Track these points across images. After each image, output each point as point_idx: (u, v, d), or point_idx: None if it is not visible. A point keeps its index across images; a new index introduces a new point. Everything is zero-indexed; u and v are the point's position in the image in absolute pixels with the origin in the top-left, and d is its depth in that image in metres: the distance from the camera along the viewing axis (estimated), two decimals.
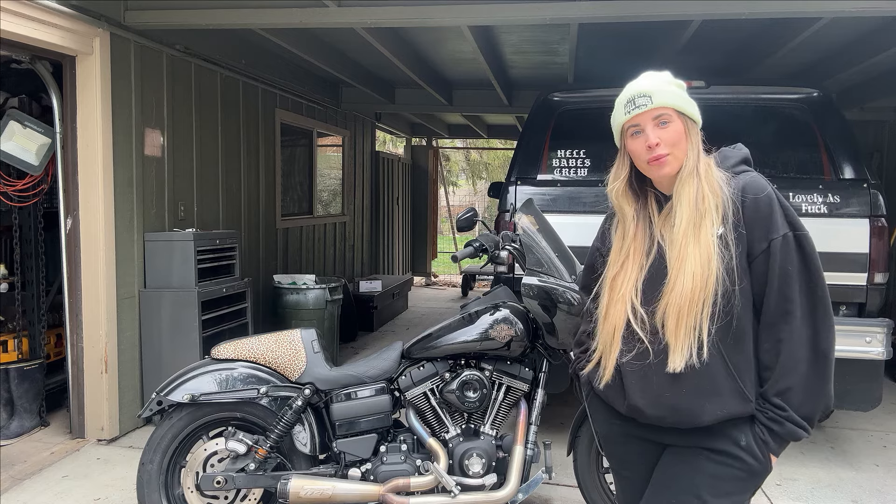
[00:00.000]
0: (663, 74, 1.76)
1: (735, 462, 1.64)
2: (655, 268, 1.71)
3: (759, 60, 5.68)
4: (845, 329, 3.57)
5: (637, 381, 1.70)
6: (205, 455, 2.92)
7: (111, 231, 4.21)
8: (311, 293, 5.62)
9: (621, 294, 1.72)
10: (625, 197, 1.78)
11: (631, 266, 1.74)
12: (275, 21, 4.34)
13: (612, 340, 1.73)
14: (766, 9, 3.79)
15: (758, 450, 1.63)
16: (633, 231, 1.76)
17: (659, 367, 1.66)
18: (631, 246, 1.75)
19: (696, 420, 1.65)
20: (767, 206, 1.64)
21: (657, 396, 1.67)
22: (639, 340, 1.68)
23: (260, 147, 6.19)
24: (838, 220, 3.76)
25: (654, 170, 1.71)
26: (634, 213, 1.78)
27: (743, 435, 1.64)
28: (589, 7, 3.97)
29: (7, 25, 3.50)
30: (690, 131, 1.71)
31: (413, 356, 2.95)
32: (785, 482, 3.79)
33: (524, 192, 4.11)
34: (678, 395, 1.65)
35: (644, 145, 1.69)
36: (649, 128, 1.69)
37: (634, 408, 1.72)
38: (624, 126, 1.74)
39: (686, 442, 1.71)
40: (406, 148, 12.82)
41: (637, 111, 1.69)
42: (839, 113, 4.11)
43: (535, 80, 7.39)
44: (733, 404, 1.62)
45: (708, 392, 1.63)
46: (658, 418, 1.70)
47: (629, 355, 1.70)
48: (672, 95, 1.70)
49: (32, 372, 4.37)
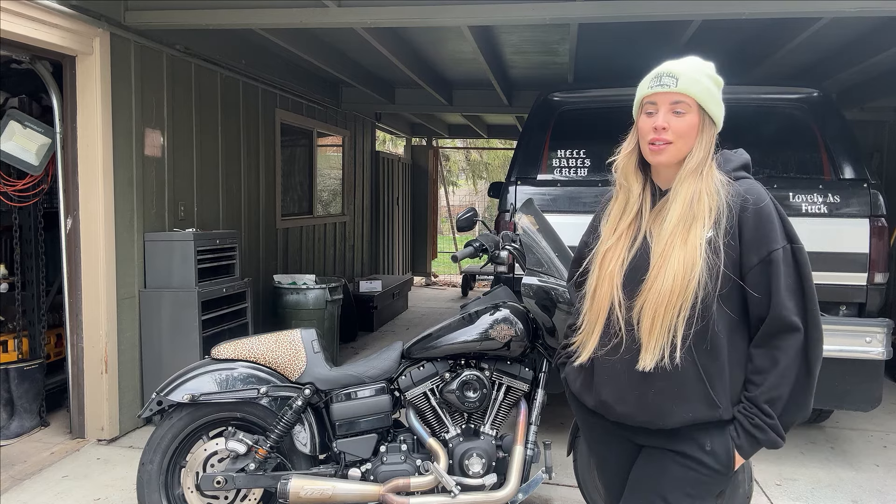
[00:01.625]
0: (704, 64, 1.71)
1: (699, 466, 1.65)
2: (637, 260, 1.68)
3: (759, 60, 5.68)
4: (845, 329, 3.57)
5: (608, 376, 1.70)
6: (205, 455, 2.92)
7: (111, 231, 4.21)
8: (311, 293, 5.62)
9: (609, 271, 1.69)
10: (634, 174, 1.74)
11: (620, 248, 1.71)
12: (275, 21, 4.34)
13: (596, 321, 1.71)
14: (766, 9, 3.79)
15: (723, 454, 1.63)
16: (635, 210, 1.73)
17: (630, 364, 1.65)
18: (624, 230, 1.72)
19: (662, 421, 1.65)
20: (768, 216, 1.62)
21: (627, 394, 1.67)
22: (614, 333, 1.67)
23: (260, 147, 6.19)
24: (838, 220, 3.76)
25: (651, 154, 1.67)
26: (640, 193, 1.74)
27: (709, 439, 1.64)
28: (589, 7, 3.97)
29: (7, 25, 3.50)
30: (705, 129, 1.66)
31: (413, 356, 2.95)
32: (785, 482, 3.79)
33: (524, 192, 4.11)
34: (646, 394, 1.65)
35: (651, 125, 1.66)
36: (664, 110, 1.65)
37: (603, 403, 1.73)
38: (643, 100, 1.70)
39: (655, 443, 1.72)
40: (406, 148, 12.82)
41: (659, 89, 1.65)
42: (839, 113, 4.11)
43: (535, 80, 7.39)
44: (701, 410, 1.62)
45: (676, 395, 1.62)
46: (626, 416, 1.70)
47: (603, 349, 1.70)
48: (699, 86, 1.65)
49: (32, 372, 4.37)
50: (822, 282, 3.75)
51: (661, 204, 1.70)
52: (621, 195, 1.77)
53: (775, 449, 1.62)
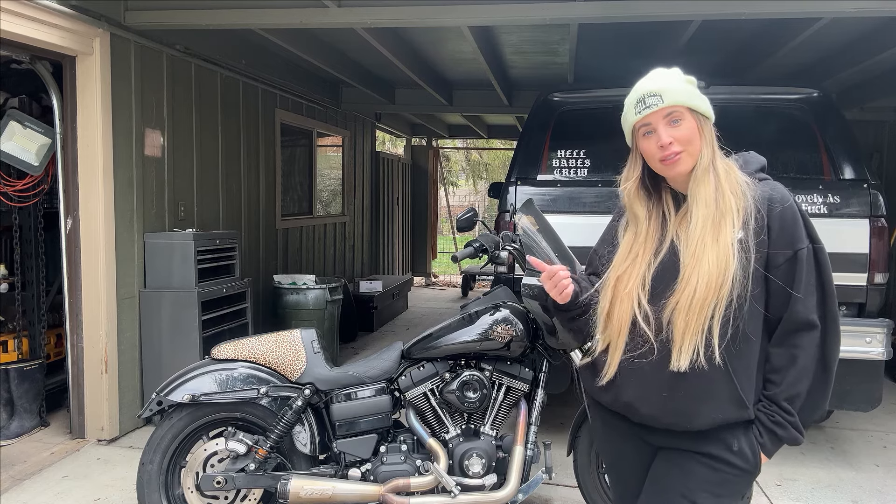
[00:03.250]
0: (673, 71, 1.73)
1: (727, 467, 1.64)
2: (665, 266, 1.68)
3: (759, 60, 5.67)
4: (845, 329, 3.55)
5: (633, 378, 1.68)
6: (205, 455, 2.92)
7: (111, 231, 4.21)
8: (311, 293, 5.62)
9: (627, 291, 1.68)
10: (637, 198, 1.76)
11: (638, 266, 1.70)
12: (275, 21, 4.34)
13: (617, 338, 1.70)
14: (766, 9, 3.79)
15: (750, 453, 1.63)
16: (646, 232, 1.73)
17: (659, 366, 1.63)
18: (641, 247, 1.72)
19: (690, 423, 1.64)
20: (792, 216, 1.64)
21: (653, 395, 1.66)
22: (641, 337, 1.66)
23: (260, 147, 6.19)
24: (838, 221, 3.75)
25: (668, 169, 1.68)
26: (647, 214, 1.75)
27: (735, 440, 1.64)
28: (589, 7, 3.97)
29: (7, 25, 3.50)
30: (703, 128, 1.68)
31: (413, 356, 2.95)
32: (785, 482, 3.79)
33: (524, 193, 4.10)
34: (675, 395, 1.64)
35: (656, 145, 1.67)
36: (661, 127, 1.66)
37: (627, 405, 1.71)
38: (635, 126, 1.71)
39: (678, 444, 1.70)
40: (406, 148, 12.82)
41: (648, 111, 1.66)
42: (839, 113, 4.11)
43: (535, 80, 7.39)
44: (730, 410, 1.62)
45: (705, 396, 1.62)
46: (652, 417, 1.69)
47: (630, 353, 1.68)
48: (682, 93, 1.67)
49: (32, 372, 4.37)
50: None
51: (686, 208, 1.70)
52: (631, 224, 1.78)
53: (796, 445, 1.64)
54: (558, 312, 1.91)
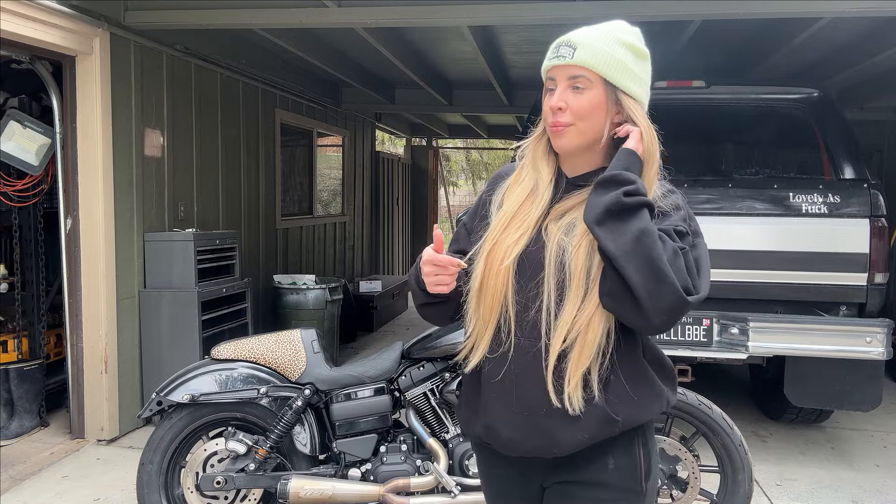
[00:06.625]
0: (618, 29, 1.41)
1: (605, 490, 1.41)
2: (531, 256, 1.39)
3: (759, 60, 5.68)
4: (845, 329, 3.57)
5: (495, 392, 1.42)
6: (205, 455, 2.92)
7: (111, 231, 4.21)
8: (311, 293, 5.62)
9: (505, 266, 1.38)
10: (544, 158, 1.46)
11: (519, 239, 1.40)
12: (275, 21, 4.34)
13: (490, 319, 1.41)
14: (766, 9, 3.79)
15: (629, 469, 1.42)
16: (542, 198, 1.43)
17: (522, 377, 1.38)
18: (527, 216, 1.42)
19: (555, 447, 1.39)
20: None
21: (513, 415, 1.40)
22: (503, 339, 1.39)
23: (260, 147, 6.18)
24: (838, 220, 3.75)
25: (553, 138, 1.41)
26: (550, 178, 1.45)
27: (610, 456, 1.41)
28: (589, 7, 3.97)
29: (7, 25, 3.50)
30: (621, 107, 1.36)
31: (413, 356, 2.95)
32: (785, 482, 3.79)
33: None
34: (537, 413, 1.38)
35: (548, 105, 1.39)
36: (561, 87, 1.38)
37: (489, 428, 1.45)
38: (546, 75, 1.42)
39: (555, 478, 1.46)
40: (406, 148, 12.82)
41: (556, 62, 1.37)
42: (839, 113, 4.11)
43: (535, 80, 7.30)
44: (595, 427, 1.37)
45: (567, 415, 1.35)
46: (511, 441, 1.42)
47: (492, 356, 1.41)
48: (602, 56, 1.34)
49: (32, 372, 4.37)
50: (823, 282, 3.75)
51: (566, 204, 1.42)
52: (528, 178, 1.46)
53: (638, 199, 1.28)
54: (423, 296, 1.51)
